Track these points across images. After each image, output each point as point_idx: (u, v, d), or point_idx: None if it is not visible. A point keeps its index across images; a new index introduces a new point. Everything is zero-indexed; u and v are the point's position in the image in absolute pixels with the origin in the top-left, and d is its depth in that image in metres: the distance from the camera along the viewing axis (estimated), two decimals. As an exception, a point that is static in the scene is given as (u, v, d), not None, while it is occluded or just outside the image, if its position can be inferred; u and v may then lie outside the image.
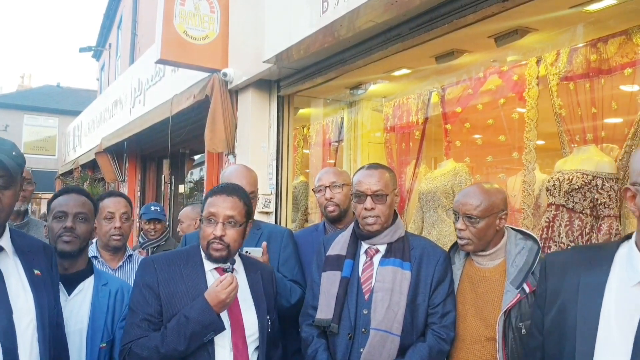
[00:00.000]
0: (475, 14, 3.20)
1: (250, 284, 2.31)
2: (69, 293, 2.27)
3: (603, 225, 3.43)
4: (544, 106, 3.96)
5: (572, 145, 3.77)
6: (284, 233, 2.94)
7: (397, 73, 4.85)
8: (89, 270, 2.37)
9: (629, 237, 1.60)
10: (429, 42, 3.74)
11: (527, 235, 2.42)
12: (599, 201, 3.45)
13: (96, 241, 2.96)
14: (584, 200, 3.50)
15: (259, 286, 2.34)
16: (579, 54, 3.72)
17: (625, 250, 1.56)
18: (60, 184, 17.10)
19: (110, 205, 2.88)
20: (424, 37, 3.62)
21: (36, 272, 1.85)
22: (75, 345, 2.21)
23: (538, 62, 4.01)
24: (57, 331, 1.94)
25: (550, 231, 3.67)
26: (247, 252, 2.63)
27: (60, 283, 2.22)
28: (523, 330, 2.19)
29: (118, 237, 2.85)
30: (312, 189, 3.17)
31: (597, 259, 1.61)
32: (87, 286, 2.32)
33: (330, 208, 2.96)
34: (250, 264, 2.41)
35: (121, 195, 3.05)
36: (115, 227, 2.84)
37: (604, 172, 3.45)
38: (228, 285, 2.09)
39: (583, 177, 3.49)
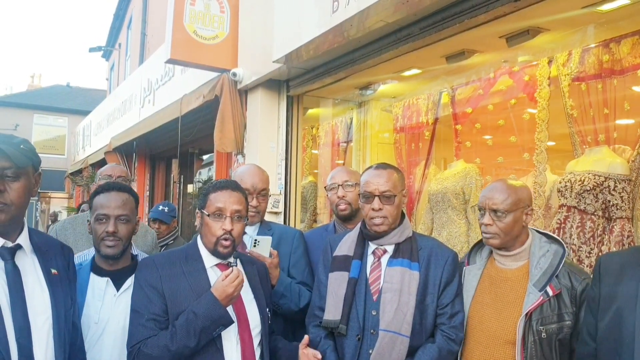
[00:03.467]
0: (487, 14, 3.18)
1: (248, 277, 2.32)
2: (118, 289, 2.32)
3: (615, 227, 3.40)
4: (555, 107, 3.93)
5: (584, 147, 3.73)
6: (294, 235, 2.94)
7: (407, 73, 4.83)
8: (134, 266, 2.39)
9: None
10: (439, 42, 3.72)
11: (552, 239, 2.38)
12: (611, 203, 3.42)
13: None
14: (596, 201, 3.47)
15: (256, 279, 2.36)
16: (591, 54, 3.69)
17: None
18: (70, 183, 17.22)
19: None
20: (435, 37, 3.60)
21: (53, 271, 1.86)
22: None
23: (549, 62, 3.98)
24: (74, 331, 1.94)
25: (561, 233, 3.64)
26: (256, 240, 2.64)
27: (109, 279, 2.30)
28: (544, 334, 2.15)
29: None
30: (325, 187, 3.17)
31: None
32: (133, 282, 2.34)
33: (342, 206, 2.96)
34: (245, 259, 2.42)
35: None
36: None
37: (616, 173, 3.42)
38: (235, 278, 2.10)
39: (595, 178, 3.45)
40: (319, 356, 2.32)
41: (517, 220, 2.32)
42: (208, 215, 2.23)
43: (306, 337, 2.41)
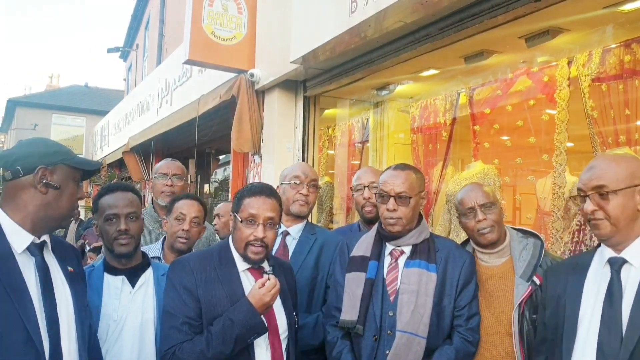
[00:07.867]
0: (506, 14, 3.16)
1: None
2: (133, 286, 2.35)
3: (636, 229, 3.35)
4: (575, 108, 3.89)
5: (604, 148, 3.69)
6: (338, 243, 2.83)
7: (424, 73, 4.82)
8: (146, 263, 2.43)
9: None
10: (458, 43, 3.69)
11: (527, 233, 2.51)
12: (632, 205, 3.37)
13: (163, 240, 2.98)
14: (617, 203, 3.42)
15: (284, 284, 2.33)
16: (612, 54, 3.65)
17: (600, 248, 1.96)
18: (88, 182, 17.40)
19: (182, 207, 2.89)
20: (454, 37, 3.57)
21: (70, 268, 1.89)
22: (148, 334, 2.28)
23: (569, 62, 3.95)
24: (89, 330, 1.96)
25: (581, 235, 3.60)
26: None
27: (124, 277, 2.33)
28: (537, 322, 2.25)
29: (184, 240, 2.86)
30: (350, 187, 3.14)
31: (582, 258, 2.03)
32: (148, 278, 2.39)
33: (368, 208, 2.94)
34: (272, 263, 2.39)
35: (196, 199, 3.03)
36: (183, 230, 2.85)
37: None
38: (272, 287, 2.10)
39: (616, 180, 3.41)
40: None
41: (501, 210, 2.49)
42: (241, 221, 2.20)
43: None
